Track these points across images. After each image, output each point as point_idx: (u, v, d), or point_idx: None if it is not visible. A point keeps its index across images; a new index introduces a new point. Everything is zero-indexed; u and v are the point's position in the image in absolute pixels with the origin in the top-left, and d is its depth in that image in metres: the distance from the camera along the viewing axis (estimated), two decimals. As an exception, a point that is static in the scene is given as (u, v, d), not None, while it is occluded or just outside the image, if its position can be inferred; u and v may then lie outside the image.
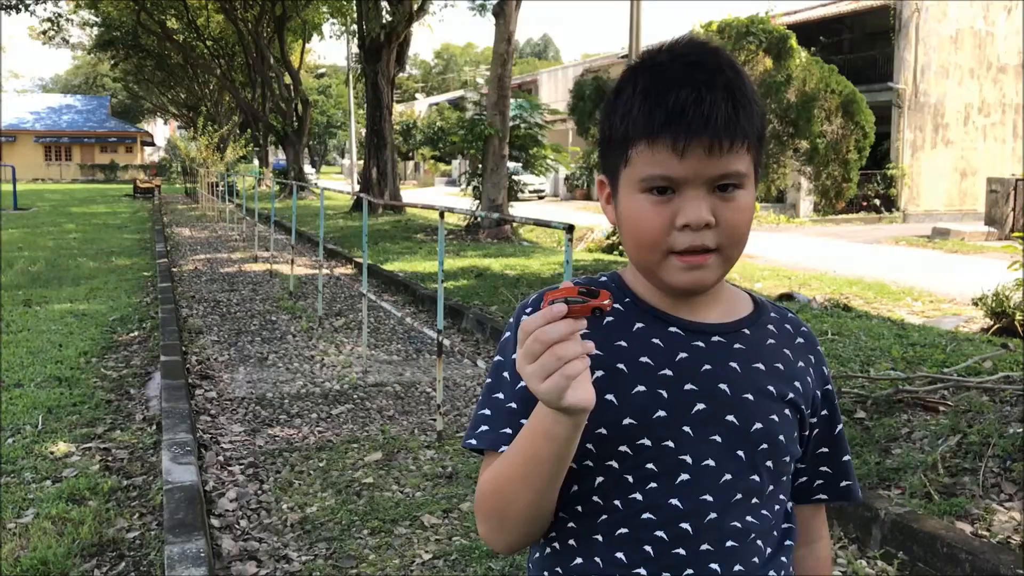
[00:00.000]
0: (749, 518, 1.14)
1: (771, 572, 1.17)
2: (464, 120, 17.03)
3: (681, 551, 1.10)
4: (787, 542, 1.21)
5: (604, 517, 1.12)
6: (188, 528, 3.46)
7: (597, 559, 1.13)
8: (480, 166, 17.08)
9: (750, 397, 1.14)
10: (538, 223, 4.57)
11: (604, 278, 1.22)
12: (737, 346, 1.17)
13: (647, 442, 1.10)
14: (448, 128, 18.29)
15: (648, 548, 1.11)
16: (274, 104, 37.35)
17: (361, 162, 28.97)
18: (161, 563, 3.31)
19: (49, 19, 39.78)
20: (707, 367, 1.14)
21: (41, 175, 64.90)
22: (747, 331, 1.19)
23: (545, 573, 1.18)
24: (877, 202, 25.50)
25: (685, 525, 1.10)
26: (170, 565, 3.15)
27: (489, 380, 1.18)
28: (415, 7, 22.33)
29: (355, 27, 25.71)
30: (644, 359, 1.13)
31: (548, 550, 1.18)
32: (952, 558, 3.23)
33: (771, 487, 1.16)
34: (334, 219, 21.62)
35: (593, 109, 10.89)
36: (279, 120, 36.78)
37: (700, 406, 1.12)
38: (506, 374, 1.15)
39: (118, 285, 11.20)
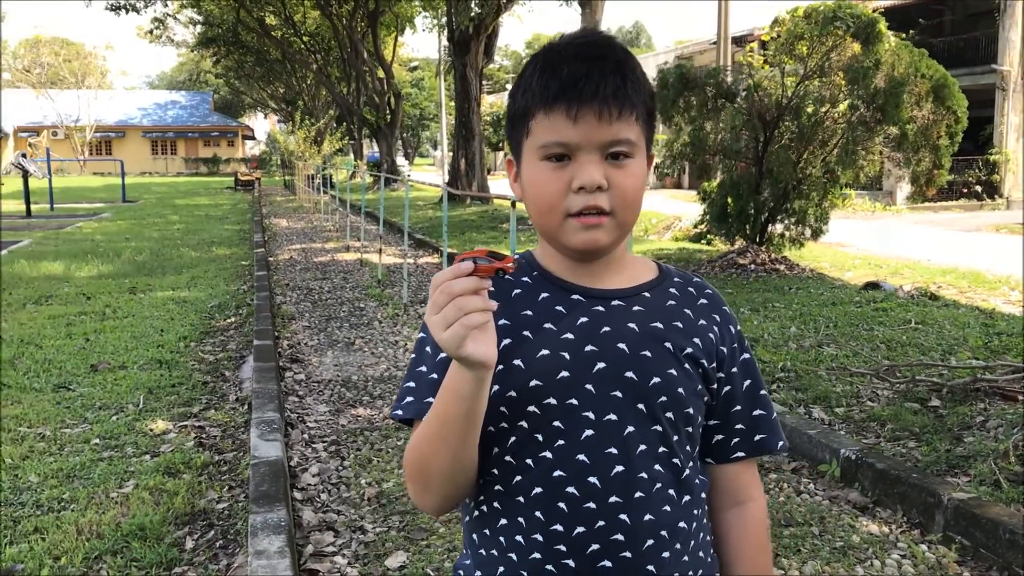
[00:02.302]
0: (657, 467, 1.21)
1: (682, 522, 1.23)
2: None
3: (592, 504, 1.18)
4: (701, 493, 1.28)
5: (519, 478, 1.21)
6: (271, 499, 3.69)
7: (520, 519, 1.21)
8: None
9: (648, 354, 1.21)
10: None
11: (518, 256, 1.31)
12: (636, 308, 1.25)
13: (553, 401, 1.19)
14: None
15: (562, 505, 1.18)
16: (368, 98, 38.03)
17: (451, 153, 29.32)
18: (246, 531, 3.55)
19: (156, 19, 41.41)
20: (606, 328, 1.22)
21: (148, 168, 67.50)
22: (647, 294, 1.27)
23: (474, 535, 1.27)
24: (979, 189, 24.61)
25: (593, 479, 1.18)
26: (253, 533, 3.38)
27: (414, 355, 1.28)
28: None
29: (445, 20, 26.01)
30: (548, 325, 1.22)
31: (476, 513, 1.26)
32: (1014, 544, 3.22)
33: (675, 437, 1.22)
34: (423, 210, 22.00)
35: (676, 97, 10.80)
36: (372, 113, 37.45)
37: (601, 365, 1.20)
38: (428, 348, 1.25)
39: (217, 274, 11.70)
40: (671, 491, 1.23)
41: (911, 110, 9.65)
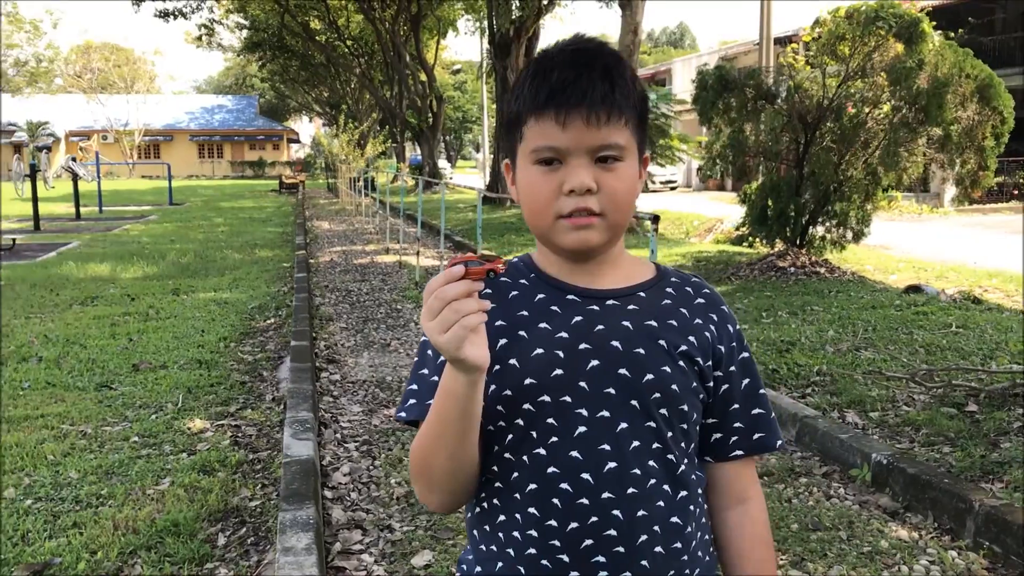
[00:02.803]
0: (651, 463, 1.22)
1: (676, 517, 1.24)
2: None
3: (585, 500, 1.20)
4: (698, 490, 1.30)
5: (516, 475, 1.23)
6: (301, 497, 3.75)
7: (516, 515, 1.23)
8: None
9: (641, 351, 1.23)
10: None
11: (516, 259, 1.34)
12: (631, 307, 1.27)
13: (547, 399, 1.22)
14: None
15: (556, 501, 1.21)
16: (410, 101, 38.29)
17: (492, 156, 29.41)
18: (276, 528, 3.60)
19: (204, 24, 42.13)
20: (600, 327, 1.25)
21: (195, 172, 68.52)
22: (642, 294, 1.30)
23: (475, 531, 1.30)
24: (1032, 191, 24.11)
25: (586, 475, 1.20)
26: (281, 530, 3.44)
27: (416, 359, 1.32)
28: (544, 1, 22.53)
29: (486, 22, 26.10)
30: (543, 325, 1.25)
31: (477, 509, 1.30)
32: (1046, 552, 3.17)
33: (670, 433, 1.24)
34: (463, 212, 22.09)
35: (716, 99, 10.75)
36: (415, 116, 37.70)
37: (594, 362, 1.22)
38: (430, 352, 1.28)
39: (259, 275, 11.87)
40: (665, 487, 1.24)
41: (955, 111, 9.49)
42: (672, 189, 36.76)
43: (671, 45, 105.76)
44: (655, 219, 3.28)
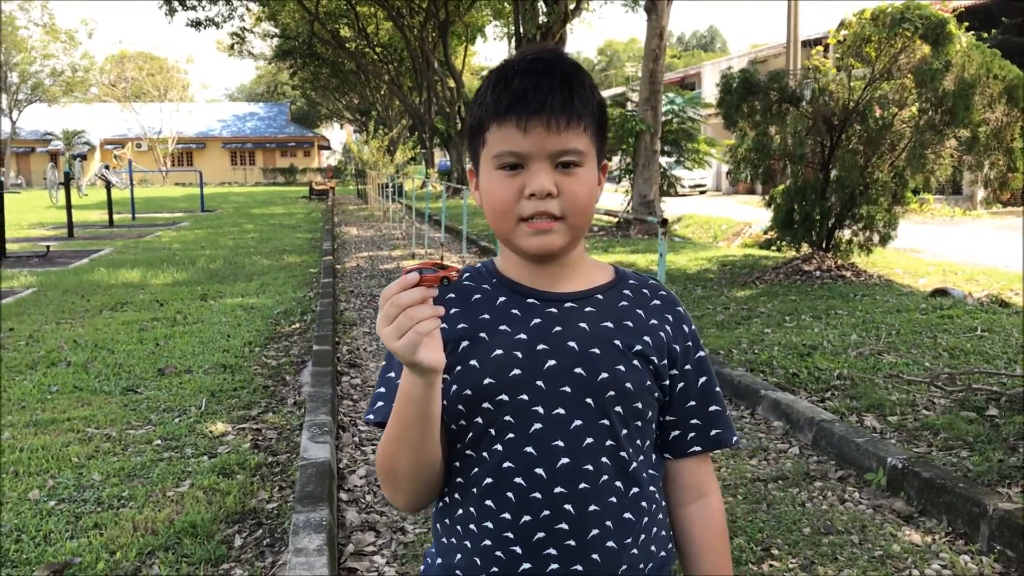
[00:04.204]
0: (604, 459, 1.26)
1: (628, 513, 1.28)
2: (614, 118, 17.09)
3: (537, 495, 1.24)
4: (651, 488, 1.32)
5: (476, 469, 1.28)
6: (315, 500, 3.80)
7: (472, 509, 1.28)
8: (632, 162, 17.11)
9: (596, 351, 1.28)
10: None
11: (479, 265, 1.39)
12: (588, 309, 1.32)
13: (505, 397, 1.26)
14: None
15: (510, 495, 1.25)
16: (439, 107, 38.49)
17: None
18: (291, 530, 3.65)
19: (235, 33, 42.63)
20: (558, 328, 1.29)
21: (227, 179, 69.30)
22: (600, 296, 1.34)
23: (438, 525, 1.36)
24: (1067, 192, 23.70)
25: (539, 470, 1.24)
26: (294, 531, 3.49)
27: (384, 363, 1.37)
28: (570, 7, 22.56)
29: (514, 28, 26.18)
30: (503, 327, 1.30)
31: (441, 504, 1.35)
32: (1060, 557, 3.14)
33: (624, 431, 1.28)
34: (491, 217, 22.12)
35: (740, 102, 10.71)
36: (443, 122, 37.88)
37: (551, 362, 1.27)
38: None
39: (286, 281, 11.98)
40: (617, 483, 1.27)
41: (983, 112, 9.40)
42: (701, 193, 36.62)
43: (701, 48, 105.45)
44: (663, 223, 3.29)
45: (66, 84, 67.74)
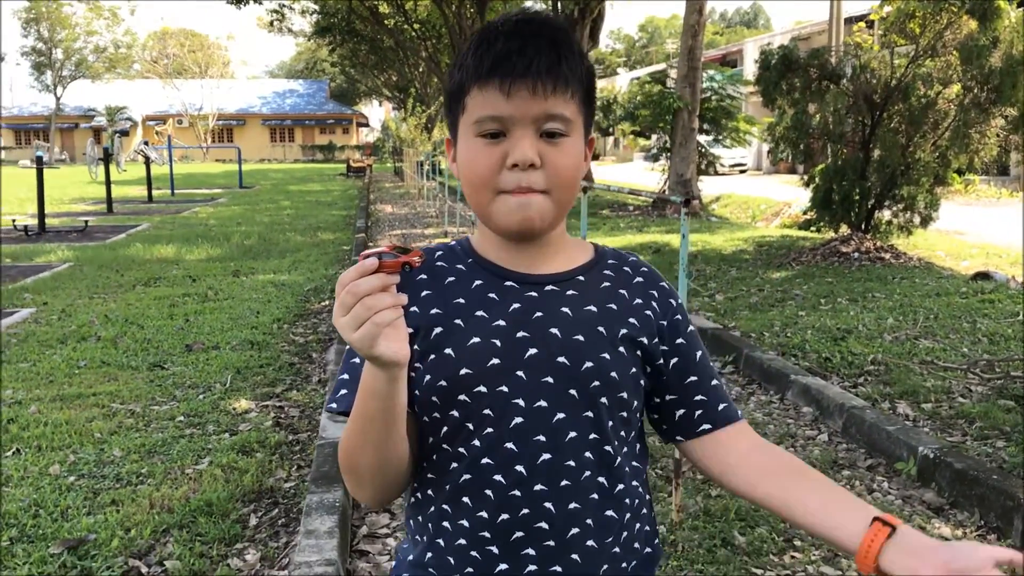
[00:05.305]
0: (587, 454, 1.18)
1: (610, 511, 1.20)
2: (652, 95, 16.85)
3: (517, 492, 1.16)
4: (634, 482, 1.24)
5: (454, 465, 1.19)
6: (330, 480, 3.76)
7: (447, 506, 1.20)
8: (669, 140, 16.89)
9: (581, 338, 1.19)
10: (620, 191, 4.60)
11: (454, 243, 1.30)
12: (570, 293, 1.23)
13: (483, 389, 1.17)
14: (642, 102, 18.18)
15: (489, 492, 1.17)
16: (477, 83, 38.25)
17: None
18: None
19: (275, 10, 42.72)
20: (539, 314, 1.20)
21: (267, 156, 69.71)
22: (581, 278, 1.25)
23: (411, 521, 1.28)
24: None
25: (520, 467, 1.16)
26: (307, 513, 3.45)
27: (348, 347, 1.24)
28: (609, -18, 22.27)
29: (551, 4, 25.91)
30: (480, 312, 1.20)
31: (413, 499, 1.27)
32: (1097, 555, 3.00)
33: (610, 423, 1.19)
34: (527, 195, 21.99)
35: (779, 79, 10.48)
36: (480, 99, 37.66)
37: (532, 351, 1.18)
38: None
39: (318, 258, 12.00)
40: (600, 479, 1.20)
41: (1031, 90, 9.10)
42: (742, 172, 36.19)
43: (744, 25, 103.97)
44: (686, 202, 3.18)
45: (109, 60, 68.53)
